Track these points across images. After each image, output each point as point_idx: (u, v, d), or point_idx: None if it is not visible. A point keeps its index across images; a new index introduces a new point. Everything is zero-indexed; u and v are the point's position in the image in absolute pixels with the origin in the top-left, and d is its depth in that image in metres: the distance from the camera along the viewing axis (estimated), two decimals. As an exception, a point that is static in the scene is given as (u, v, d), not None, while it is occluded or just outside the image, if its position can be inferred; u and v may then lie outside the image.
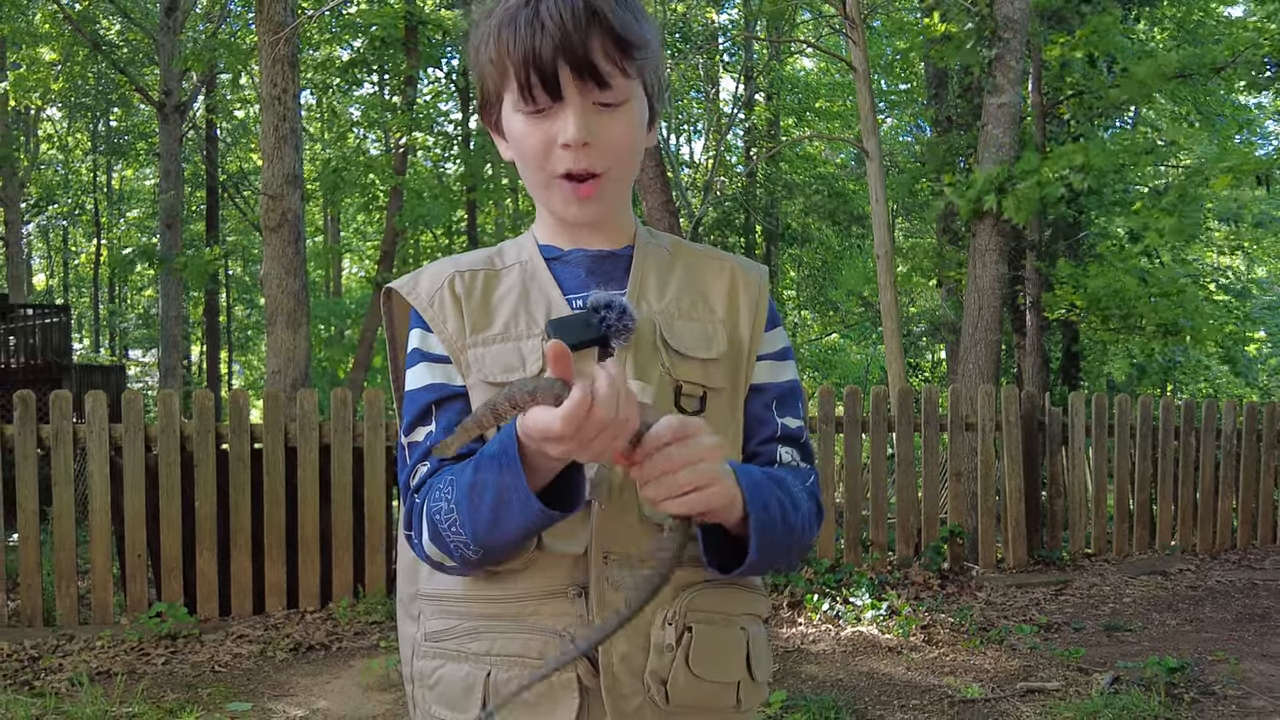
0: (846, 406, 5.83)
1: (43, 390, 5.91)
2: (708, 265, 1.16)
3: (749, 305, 1.13)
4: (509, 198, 17.70)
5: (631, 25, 1.02)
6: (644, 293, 1.11)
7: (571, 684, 1.01)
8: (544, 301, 1.09)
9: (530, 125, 1.04)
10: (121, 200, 24.74)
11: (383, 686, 3.98)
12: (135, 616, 4.78)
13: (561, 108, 1.02)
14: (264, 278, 7.34)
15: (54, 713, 3.58)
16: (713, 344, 1.10)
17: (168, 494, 4.90)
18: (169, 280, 14.20)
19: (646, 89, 1.08)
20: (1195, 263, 17.74)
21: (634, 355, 1.06)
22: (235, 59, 13.38)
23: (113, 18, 16.11)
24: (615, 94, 1.03)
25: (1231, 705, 3.70)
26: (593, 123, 1.03)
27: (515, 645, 1.02)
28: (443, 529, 0.99)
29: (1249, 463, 7.20)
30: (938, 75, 11.77)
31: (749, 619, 1.10)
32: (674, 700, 1.03)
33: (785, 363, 1.16)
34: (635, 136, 1.07)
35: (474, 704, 1.03)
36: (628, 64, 1.03)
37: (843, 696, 3.80)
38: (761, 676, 1.11)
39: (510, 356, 1.06)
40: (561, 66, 1.00)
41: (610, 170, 1.06)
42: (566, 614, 1.01)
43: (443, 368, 1.08)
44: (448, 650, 1.06)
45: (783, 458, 1.11)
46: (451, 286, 1.10)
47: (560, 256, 1.13)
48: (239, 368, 25.94)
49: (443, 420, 1.07)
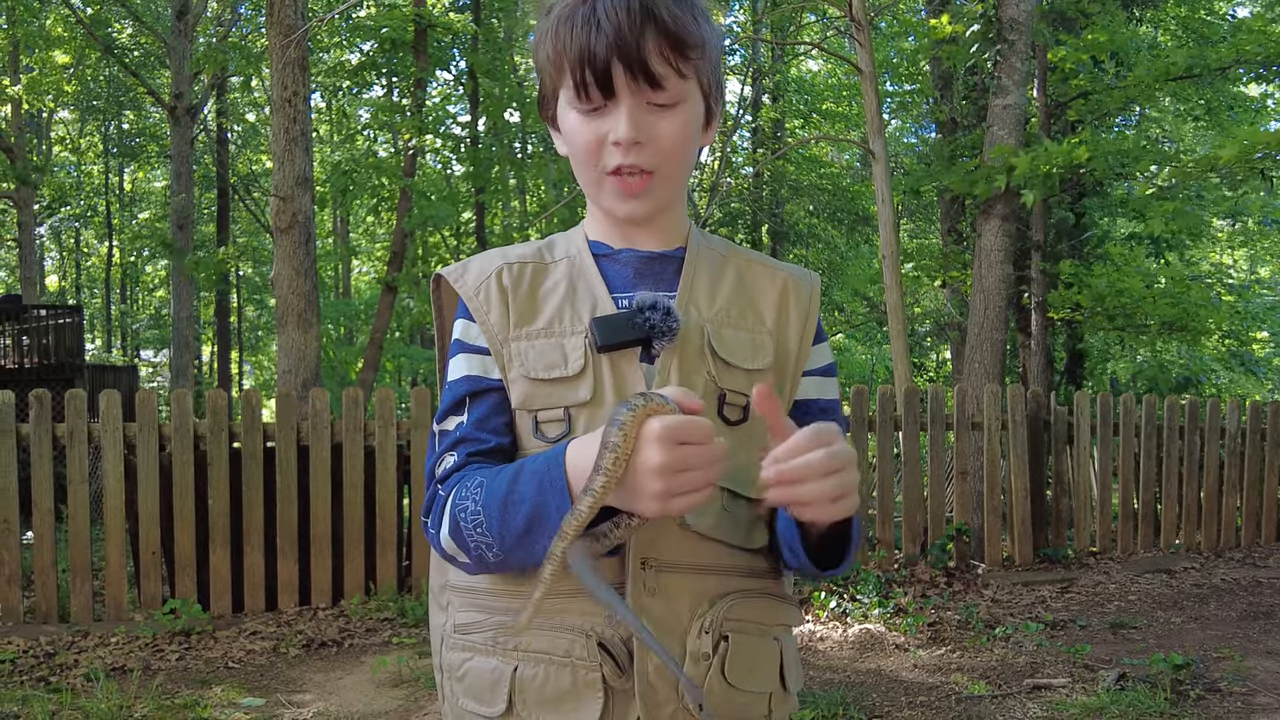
0: (853, 406, 5.86)
1: (56, 390, 5.97)
2: (760, 273, 1.14)
3: (799, 316, 1.12)
4: (516, 199, 17.76)
5: (688, 26, 1.02)
6: (694, 297, 1.09)
7: (596, 684, 1.00)
8: (590, 299, 1.08)
9: (583, 122, 1.04)
10: (133, 202, 24.87)
11: (394, 682, 4.01)
12: (149, 613, 4.83)
13: (615, 106, 1.02)
14: (275, 279, 7.38)
15: (70, 708, 3.60)
16: (759, 354, 1.08)
17: (181, 492, 4.94)
18: (180, 281, 14.29)
19: (703, 89, 1.07)
20: (1201, 263, 17.71)
21: (679, 360, 1.05)
22: (246, 62, 13.50)
23: (124, 21, 16.21)
24: (669, 94, 1.02)
25: (1236, 702, 3.71)
26: (645, 122, 1.02)
27: (542, 642, 1.02)
28: (465, 527, 0.99)
29: (1253, 461, 7.22)
30: (944, 77, 11.78)
31: (782, 629, 1.10)
32: (708, 709, 1.02)
33: (829, 380, 1.15)
34: (688, 137, 1.06)
35: (500, 698, 1.03)
36: (683, 64, 1.02)
37: (850, 693, 3.82)
38: (793, 687, 1.11)
39: (553, 353, 1.05)
40: (615, 65, 1.00)
41: (661, 169, 1.05)
42: (594, 613, 1.01)
43: (480, 359, 1.08)
44: (475, 644, 1.06)
45: None
46: (499, 278, 1.10)
47: (610, 254, 1.12)
48: (250, 368, 26.05)
49: (475, 413, 1.06)
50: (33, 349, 12.85)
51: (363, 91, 15.45)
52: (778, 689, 1.08)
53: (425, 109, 12.46)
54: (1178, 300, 9.71)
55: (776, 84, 17.16)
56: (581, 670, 1.00)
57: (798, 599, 1.18)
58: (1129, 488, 6.79)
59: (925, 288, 14.64)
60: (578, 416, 1.03)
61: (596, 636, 1.00)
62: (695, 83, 1.05)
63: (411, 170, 12.76)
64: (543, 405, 1.04)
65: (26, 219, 16.98)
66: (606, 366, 1.04)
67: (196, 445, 5.01)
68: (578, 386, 1.03)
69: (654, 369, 1.05)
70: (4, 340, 12.96)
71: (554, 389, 1.04)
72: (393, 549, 5.26)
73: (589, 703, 1.00)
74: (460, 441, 1.06)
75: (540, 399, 1.04)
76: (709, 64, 1.06)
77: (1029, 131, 8.36)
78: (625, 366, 1.04)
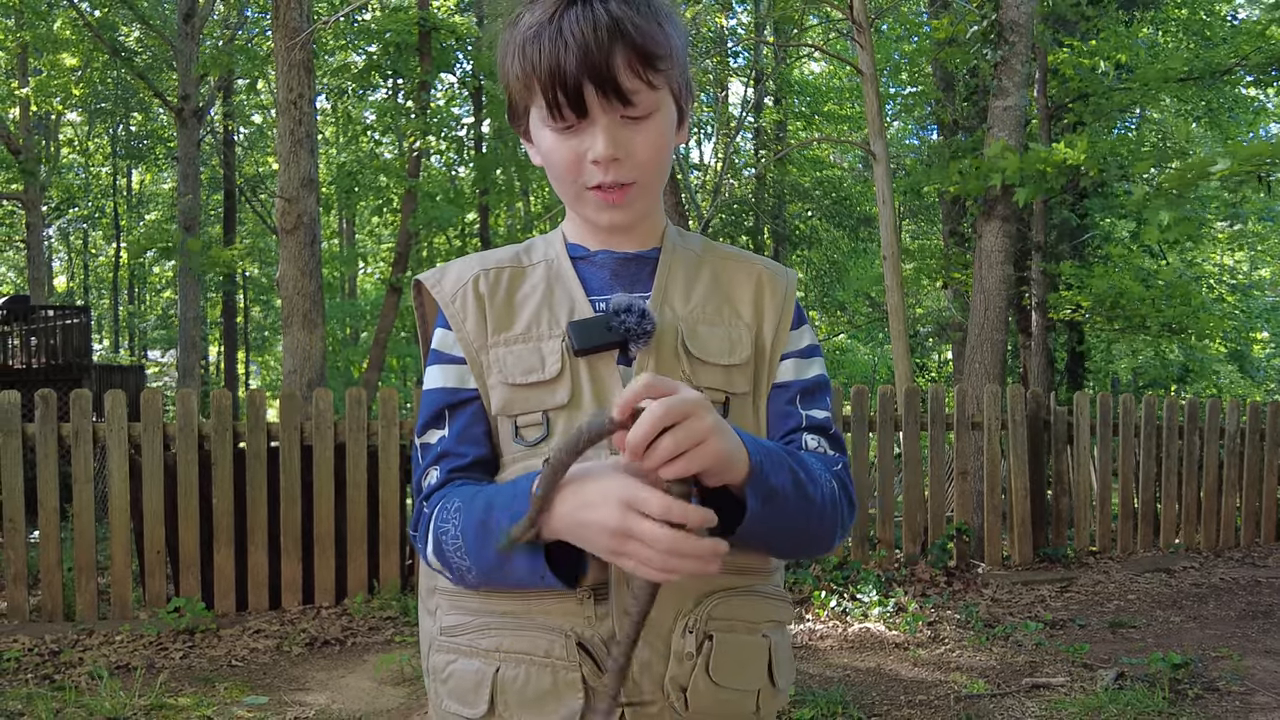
0: (854, 406, 5.88)
1: (63, 390, 6.01)
2: (736, 268, 1.15)
3: (774, 307, 1.13)
4: (520, 200, 17.79)
5: (655, 36, 1.01)
6: (668, 297, 1.10)
7: (576, 683, 1.00)
8: (567, 302, 1.09)
9: (559, 140, 1.04)
10: (141, 203, 24.97)
11: (397, 681, 4.03)
12: (154, 611, 4.85)
13: (589, 124, 1.02)
14: (280, 279, 7.41)
15: (74, 705, 3.62)
16: (736, 349, 1.09)
17: (186, 491, 4.97)
18: (187, 282, 14.34)
19: (674, 93, 1.07)
20: (1202, 263, 17.68)
21: (655, 361, 1.06)
22: (252, 64, 13.56)
23: (132, 25, 16.29)
24: (642, 108, 1.03)
25: (1235, 701, 3.72)
26: (621, 137, 1.03)
27: (523, 643, 1.02)
28: (447, 550, 1.00)
29: (1252, 461, 7.23)
30: (945, 79, 11.80)
31: (771, 625, 1.09)
32: (693, 707, 1.03)
33: (811, 360, 1.15)
34: (664, 145, 1.06)
35: (483, 699, 1.03)
36: (653, 76, 1.02)
37: (850, 691, 3.83)
38: (783, 684, 1.11)
39: (531, 357, 1.06)
40: (587, 86, 0.99)
41: (640, 179, 1.06)
42: (575, 615, 1.01)
43: (456, 370, 1.09)
44: (460, 646, 1.06)
45: (808, 444, 1.10)
46: (475, 285, 1.10)
47: (587, 256, 1.13)
48: (256, 368, 26.12)
49: (455, 425, 1.07)
50: (40, 349, 12.92)
51: (368, 94, 15.49)
52: (766, 685, 1.08)
53: (429, 111, 12.50)
54: (1178, 302, 9.72)
55: (779, 86, 17.17)
56: (562, 670, 1.00)
57: (789, 595, 1.16)
58: (1129, 487, 6.79)
59: (927, 288, 14.65)
60: (556, 419, 1.04)
61: (576, 637, 1.00)
62: (666, 90, 1.05)
63: (416, 171, 12.81)
64: (522, 410, 1.05)
65: (35, 220, 17.07)
66: (584, 369, 1.05)
67: (201, 445, 5.03)
68: (555, 390, 1.05)
69: (632, 371, 1.05)
70: (12, 340, 13.03)
71: (532, 393, 1.05)
72: (395, 548, 5.28)
73: (569, 702, 1.00)
74: (442, 456, 1.07)
75: (519, 404, 1.05)
76: (677, 67, 1.06)
77: (1029, 133, 8.38)
78: (603, 369, 1.05)
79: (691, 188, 15.66)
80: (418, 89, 12.63)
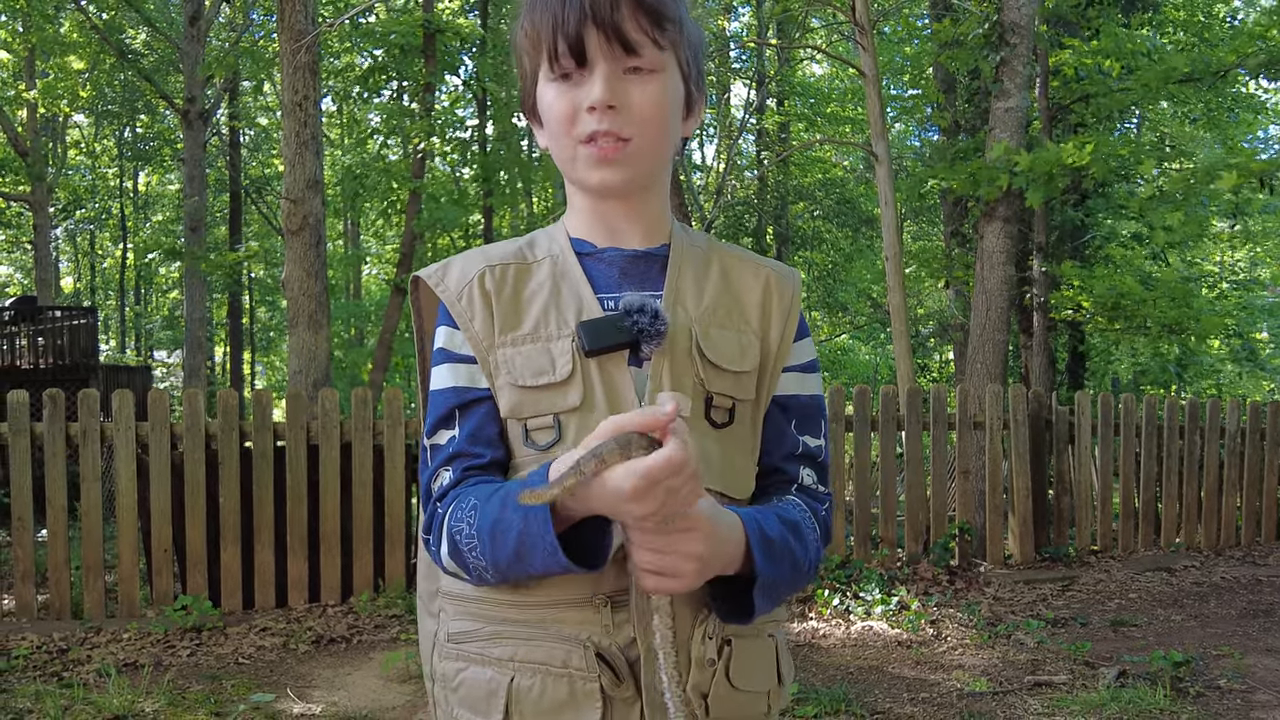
0: (856, 405, 5.90)
1: (71, 389, 6.04)
2: (744, 270, 1.12)
3: (781, 315, 1.10)
4: (524, 202, 17.82)
5: (665, 1, 1.01)
6: (680, 296, 1.07)
7: (595, 694, 0.99)
8: (575, 301, 1.05)
9: (559, 93, 1.02)
10: (147, 205, 25.04)
11: (402, 678, 4.06)
12: (161, 609, 4.88)
13: (590, 73, 1.00)
14: (286, 280, 7.45)
15: (82, 703, 3.65)
16: (746, 356, 1.07)
17: (193, 490, 4.99)
18: (193, 283, 14.39)
19: (682, 69, 1.05)
20: (1202, 263, 17.68)
21: (669, 364, 1.03)
22: (257, 67, 13.61)
23: (138, 27, 16.37)
24: (646, 60, 1.01)
25: (1236, 699, 3.74)
26: (621, 88, 1.00)
27: (539, 653, 1.00)
28: (463, 549, 0.98)
29: (1253, 461, 7.24)
30: (947, 80, 11.81)
31: (774, 626, 1.11)
32: (714, 713, 1.02)
33: (811, 376, 1.14)
34: (666, 107, 1.03)
35: (496, 709, 1.01)
36: (659, 35, 1.01)
37: (853, 689, 3.85)
38: (787, 681, 1.12)
39: (540, 358, 1.02)
40: (589, 29, 0.98)
41: (637, 137, 1.02)
42: (591, 623, 0.99)
43: (467, 369, 1.05)
44: (470, 654, 1.04)
45: (804, 480, 1.10)
46: (481, 282, 1.07)
47: (594, 253, 1.09)
48: (261, 368, 26.16)
49: (467, 426, 1.04)
50: (48, 349, 12.96)
51: (373, 95, 15.53)
52: (775, 685, 1.09)
53: (434, 113, 12.52)
54: (1179, 303, 9.72)
55: (781, 88, 17.19)
56: (579, 681, 0.99)
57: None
58: (1130, 487, 6.81)
59: (929, 289, 14.67)
60: (568, 423, 1.01)
61: (594, 647, 0.99)
62: (673, 57, 1.04)
63: (420, 173, 12.83)
64: (532, 413, 1.02)
65: (42, 222, 17.14)
66: (595, 370, 1.02)
67: (208, 444, 5.06)
68: (567, 392, 1.01)
69: (644, 372, 1.03)
70: (20, 341, 13.09)
71: (543, 395, 1.02)
72: (401, 547, 5.31)
73: (587, 713, 0.99)
74: (454, 457, 1.04)
75: (529, 406, 1.02)
76: (687, 45, 1.05)
77: (1030, 134, 8.39)
78: (614, 370, 1.02)
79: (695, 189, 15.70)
80: (422, 91, 12.66)
